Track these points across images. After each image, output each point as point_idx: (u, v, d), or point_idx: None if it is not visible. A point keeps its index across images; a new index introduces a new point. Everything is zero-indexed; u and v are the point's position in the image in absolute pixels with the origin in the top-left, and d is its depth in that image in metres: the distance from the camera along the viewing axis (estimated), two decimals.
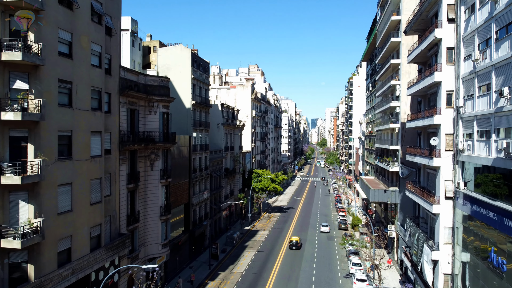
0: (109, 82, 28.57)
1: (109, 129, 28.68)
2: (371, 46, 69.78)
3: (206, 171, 52.70)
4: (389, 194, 45.81)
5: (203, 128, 51.61)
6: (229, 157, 65.56)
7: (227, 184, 64.38)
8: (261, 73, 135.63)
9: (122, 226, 30.89)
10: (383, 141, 54.67)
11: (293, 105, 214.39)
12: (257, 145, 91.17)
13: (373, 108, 70.02)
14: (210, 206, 55.00)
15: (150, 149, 34.66)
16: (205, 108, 52.41)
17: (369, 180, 57.51)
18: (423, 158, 29.23)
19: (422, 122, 29.85)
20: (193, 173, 47.82)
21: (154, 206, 35.30)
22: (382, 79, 56.31)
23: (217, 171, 58.36)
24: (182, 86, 47.20)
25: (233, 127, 66.88)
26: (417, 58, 32.92)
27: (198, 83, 49.95)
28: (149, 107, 34.87)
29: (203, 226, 50.67)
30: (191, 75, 47.07)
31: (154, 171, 35.29)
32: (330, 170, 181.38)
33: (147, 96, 34.30)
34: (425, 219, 33.34)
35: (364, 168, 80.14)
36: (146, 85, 34.71)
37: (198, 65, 50.21)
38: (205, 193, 52.16)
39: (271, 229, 64.65)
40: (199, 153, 49.78)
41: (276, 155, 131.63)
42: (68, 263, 23.20)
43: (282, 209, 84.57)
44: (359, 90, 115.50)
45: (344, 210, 77.38)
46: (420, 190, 30.70)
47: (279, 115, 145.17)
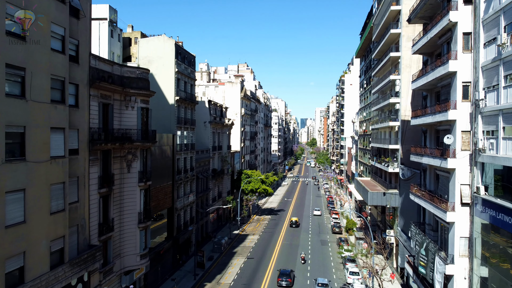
0: (76, 71, 24.75)
1: (76, 125, 24.87)
2: (366, 42, 66.76)
3: (192, 172, 48.97)
4: (388, 197, 42.68)
5: (189, 126, 47.88)
6: (217, 157, 61.89)
7: (214, 186, 60.70)
8: (251, 71, 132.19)
9: (93, 237, 27.06)
10: (380, 140, 51.61)
11: (283, 104, 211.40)
12: (246, 145, 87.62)
13: (368, 106, 67.04)
14: (196, 210, 51.28)
15: (127, 148, 30.86)
16: (191, 104, 48.67)
17: (365, 181, 54.40)
18: (433, 159, 26.01)
19: (431, 119, 26.63)
20: (177, 175, 44.08)
21: (131, 212, 31.49)
22: (379, 75, 53.24)
23: (204, 172, 54.65)
24: (165, 81, 43.42)
25: (221, 125, 63.23)
26: (424, 47, 29.73)
27: (183, 77, 46.19)
28: (125, 102, 31.05)
29: (188, 232, 46.93)
30: (175, 68, 43.32)
31: (131, 173, 31.48)
32: (320, 170, 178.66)
33: (123, 89, 30.49)
34: (432, 226, 30.19)
35: (357, 168, 77.16)
36: (122, 77, 30.91)
37: (183, 58, 46.45)
38: (191, 196, 48.43)
39: (261, 233, 61.16)
40: (183, 153, 46.04)
41: (266, 155, 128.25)
42: (21, 285, 19.36)
43: (272, 211, 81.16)
44: (351, 89, 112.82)
45: (338, 213, 74.28)
46: (429, 194, 27.49)
47: (269, 114, 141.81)
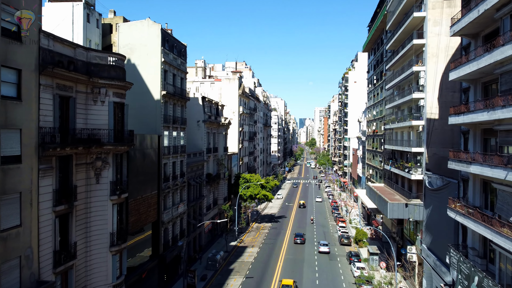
0: (17, 52, 18.53)
1: (17, 124, 18.65)
2: (376, 33, 60.58)
3: (182, 178, 42.68)
4: (411, 209, 36.47)
5: (178, 125, 41.59)
6: (212, 160, 55.62)
7: (209, 192, 54.42)
8: (249, 69, 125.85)
9: (44, 270, 20.75)
10: (396, 141, 45.43)
11: (282, 104, 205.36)
12: (245, 146, 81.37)
13: (378, 104, 60.87)
14: (188, 221, 44.99)
15: (94, 153, 24.59)
16: (181, 101, 42.37)
17: (379, 188, 48.19)
18: (491, 169, 19.78)
19: (486, 116, 20.41)
20: (164, 183, 37.81)
21: (101, 233, 25.21)
22: (395, 68, 47.03)
23: (197, 177, 48.37)
24: (150, 72, 37.16)
25: (217, 125, 56.96)
26: (469, 27, 23.52)
27: (171, 69, 39.90)
28: (93, 95, 24.76)
29: (177, 248, 40.63)
30: (161, 58, 37.03)
31: (101, 184, 25.21)
32: (321, 172, 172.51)
33: (90, 79, 24.23)
34: (478, 251, 24.03)
35: (365, 171, 70.97)
36: (89, 64, 24.63)
37: (171, 46, 40.15)
38: (181, 206, 42.13)
39: (262, 245, 54.91)
40: (172, 156, 39.75)
41: (266, 156, 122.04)
42: None
43: (273, 218, 74.91)
44: (355, 86, 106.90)
45: (344, 220, 68.07)
46: (480, 214, 21.26)
47: (268, 113, 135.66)
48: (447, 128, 35.35)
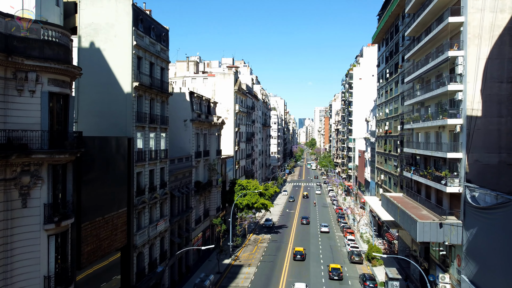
0: None
1: None
2: (390, 20, 53.23)
3: (163, 189, 35.30)
4: (447, 230, 29.06)
5: (158, 125, 34.21)
6: (203, 165, 48.22)
7: (199, 203, 47.02)
8: (248, 66, 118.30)
9: None
10: (418, 144, 38.12)
11: (282, 103, 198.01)
12: (241, 148, 73.96)
13: (392, 100, 53.55)
14: (171, 240, 37.60)
15: (19, 165, 17.22)
16: (161, 95, 35.00)
17: (397, 199, 40.83)
18: None
19: None
20: (138, 196, 30.42)
21: (29, 277, 17.82)
22: (417, 57, 39.71)
23: (183, 187, 40.98)
24: (118, 59, 29.78)
25: (208, 124, 49.56)
26: None
27: (148, 56, 32.49)
28: (16, 82, 17.38)
29: (156, 275, 33.22)
30: (132, 41, 29.63)
31: (29, 208, 17.82)
32: (323, 174, 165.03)
33: (8, 58, 16.86)
34: None
35: (376, 177, 63.61)
36: (10, 37, 17.25)
37: (148, 29, 32.76)
38: (161, 223, 34.74)
39: (260, 263, 47.47)
40: (149, 163, 32.37)
41: (265, 158, 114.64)
42: None
43: (273, 228, 67.49)
44: (360, 84, 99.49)
45: (353, 232, 60.63)
46: None
47: (268, 113, 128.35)
48: (492, 128, 28.16)
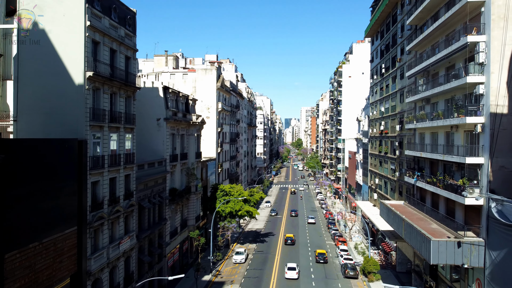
0: None
1: None
2: (387, 9, 48.70)
3: (128, 200, 29.81)
4: (466, 251, 24.34)
5: (122, 125, 28.71)
6: (179, 170, 42.78)
7: (175, 213, 41.58)
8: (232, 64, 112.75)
9: None
10: (424, 146, 33.51)
11: (268, 102, 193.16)
12: (225, 149, 68.61)
13: (389, 97, 49.00)
14: (139, 259, 32.10)
15: None
16: (126, 89, 29.49)
17: (398, 208, 36.16)
18: None
19: None
20: (94, 212, 24.91)
21: None
22: (421, 48, 35.10)
23: (155, 196, 35.53)
24: (68, 43, 24.25)
25: (186, 124, 44.13)
26: None
27: (108, 41, 26.96)
28: None
29: None
30: (85, 21, 24.11)
31: None
32: (310, 175, 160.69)
33: None
34: None
35: (369, 180, 59.07)
36: None
37: (108, 8, 27.24)
38: (125, 241, 29.23)
39: (244, 280, 42.26)
40: (110, 170, 26.87)
41: (250, 159, 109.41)
42: None
43: (258, 235, 62.42)
44: (350, 82, 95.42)
45: (345, 241, 55.92)
46: None
47: (253, 112, 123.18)
48: None
